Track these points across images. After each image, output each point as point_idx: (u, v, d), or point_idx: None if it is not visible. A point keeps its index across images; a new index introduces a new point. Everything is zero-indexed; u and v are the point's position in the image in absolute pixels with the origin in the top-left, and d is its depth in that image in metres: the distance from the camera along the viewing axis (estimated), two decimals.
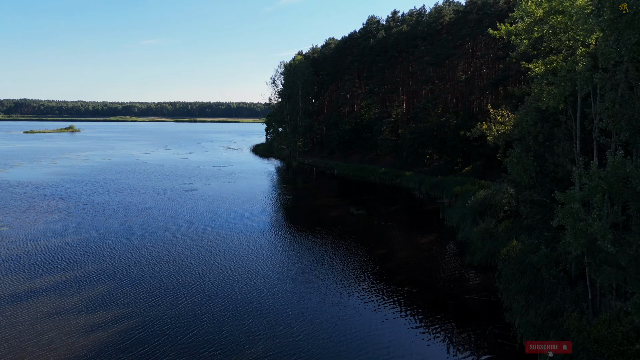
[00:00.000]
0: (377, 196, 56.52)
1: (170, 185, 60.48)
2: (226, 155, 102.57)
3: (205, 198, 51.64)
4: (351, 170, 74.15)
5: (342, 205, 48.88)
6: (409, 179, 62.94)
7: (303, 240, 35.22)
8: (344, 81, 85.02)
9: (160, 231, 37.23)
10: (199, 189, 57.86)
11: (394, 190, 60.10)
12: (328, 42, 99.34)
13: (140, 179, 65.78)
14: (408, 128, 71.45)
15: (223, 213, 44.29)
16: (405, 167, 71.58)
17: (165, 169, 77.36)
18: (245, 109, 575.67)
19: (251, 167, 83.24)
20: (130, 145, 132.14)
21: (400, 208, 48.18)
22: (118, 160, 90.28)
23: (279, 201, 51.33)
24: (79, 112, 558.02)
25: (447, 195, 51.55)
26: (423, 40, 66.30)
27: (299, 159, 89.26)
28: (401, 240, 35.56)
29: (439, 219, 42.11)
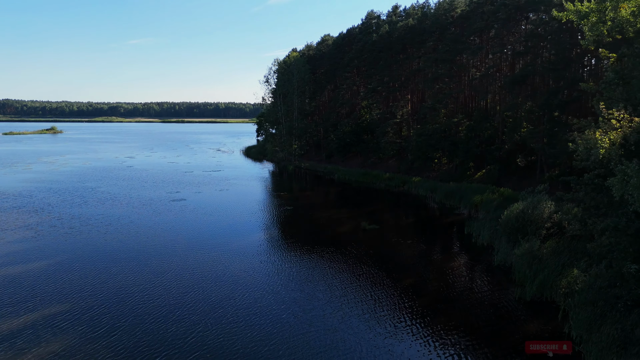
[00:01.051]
0: (386, 206, 51.30)
1: (156, 194, 54.65)
2: (216, 159, 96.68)
3: (195, 209, 45.98)
4: (353, 176, 68.85)
5: (349, 217, 43.55)
6: (418, 185, 57.80)
7: (311, 265, 29.76)
8: (343, 79, 79.68)
9: (144, 254, 31.52)
10: (188, 198, 52.13)
11: (402, 198, 54.93)
12: (324, 38, 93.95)
13: (124, 186, 59.82)
14: (414, 130, 66.34)
15: (215, 228, 38.70)
16: (411, 172, 66.49)
17: (151, 174, 71.37)
18: (234, 109, 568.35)
19: (243, 171, 77.56)
20: (114, 147, 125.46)
21: (416, 221, 42.95)
22: (100, 164, 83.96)
23: (276, 213, 45.82)
24: (64, 112, 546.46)
25: (466, 204, 46.50)
26: (431, 34, 61.17)
27: (294, 163, 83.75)
28: (428, 265, 30.25)
29: (464, 235, 36.92)
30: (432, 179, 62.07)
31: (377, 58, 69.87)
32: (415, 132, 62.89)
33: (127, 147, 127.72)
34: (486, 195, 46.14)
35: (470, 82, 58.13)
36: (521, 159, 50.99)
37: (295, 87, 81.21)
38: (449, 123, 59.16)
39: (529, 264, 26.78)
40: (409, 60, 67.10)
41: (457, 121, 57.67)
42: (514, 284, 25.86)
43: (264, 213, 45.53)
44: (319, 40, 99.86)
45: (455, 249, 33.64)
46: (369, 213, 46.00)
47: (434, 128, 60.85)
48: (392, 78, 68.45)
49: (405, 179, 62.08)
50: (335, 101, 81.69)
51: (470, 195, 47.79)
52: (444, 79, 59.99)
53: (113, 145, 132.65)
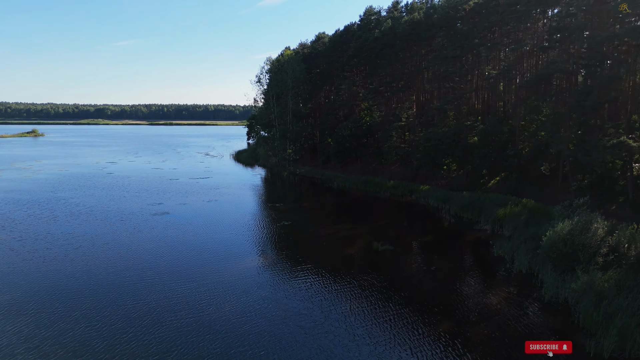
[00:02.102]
0: (395, 219, 45.86)
1: (137, 206, 48.70)
2: (204, 164, 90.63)
3: (180, 226, 40.18)
4: (353, 183, 63.37)
5: (357, 234, 38.01)
6: (428, 194, 52.47)
7: (322, 303, 24.14)
8: (342, 79, 74.19)
9: (116, 290, 25.68)
10: (172, 211, 46.27)
11: (411, 209, 49.54)
12: (320, 36, 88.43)
13: (101, 197, 53.72)
14: (421, 133, 61.10)
15: (203, 251, 32.95)
16: (417, 179, 61.25)
17: (132, 182, 65.25)
18: (224, 111, 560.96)
19: (234, 178, 71.71)
20: (97, 151, 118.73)
21: (434, 240, 37.50)
22: (78, 171, 77.53)
23: (273, 231, 40.12)
24: (49, 114, 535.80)
25: (487, 218, 41.21)
26: (439, 30, 55.91)
27: (289, 169, 78.10)
28: (464, 301, 24.74)
29: (495, 259, 31.54)
30: (441, 187, 56.87)
31: (379, 56, 64.51)
32: (422, 136, 57.58)
33: (110, 151, 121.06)
34: (510, 209, 40.95)
35: (484, 81, 52.95)
36: (545, 167, 45.89)
37: (289, 88, 75.55)
38: (460, 126, 53.91)
39: (595, 304, 21.43)
40: (415, 58, 61.85)
41: (470, 124, 52.41)
42: (579, 332, 20.50)
43: (259, 230, 39.81)
44: (314, 38, 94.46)
45: (490, 279, 28.23)
46: (378, 229, 40.51)
47: (443, 132, 55.60)
48: (395, 77, 63.07)
49: (412, 187, 56.77)
50: (333, 102, 76.14)
51: (490, 208, 42.54)
52: (454, 78, 54.77)
53: (95, 149, 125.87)
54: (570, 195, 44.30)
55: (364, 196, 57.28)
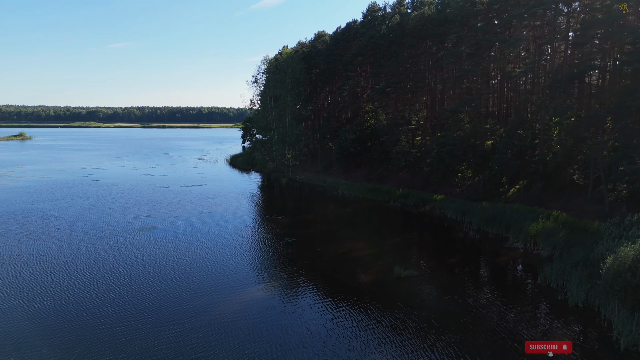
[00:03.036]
0: (411, 234, 41.11)
1: (123, 219, 43.71)
2: (198, 170, 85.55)
3: (169, 245, 35.26)
4: (359, 191, 58.62)
5: (371, 254, 33.25)
6: (444, 205, 47.84)
7: (339, 345, 19.33)
8: (345, 80, 69.45)
9: (93, 327, 20.75)
10: (161, 226, 41.33)
11: (427, 222, 44.85)
12: (320, 34, 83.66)
13: (83, 208, 48.64)
14: (432, 137, 56.54)
15: (195, 278, 28.06)
16: (428, 187, 56.66)
17: (119, 191, 60.16)
18: (218, 114, 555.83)
19: (229, 186, 66.76)
20: (84, 156, 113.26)
21: (462, 261, 32.72)
22: (61, 178, 72.24)
23: (275, 249, 35.26)
24: (40, 117, 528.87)
25: (517, 234, 36.56)
26: (454, 25, 51.27)
27: (288, 175, 73.25)
28: (515, 347, 20.02)
29: (540, 288, 26.85)
30: (456, 196, 52.34)
31: (386, 54, 59.85)
32: (435, 141, 52.98)
33: (99, 155, 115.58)
34: (542, 223, 36.36)
35: (505, 81, 48.40)
36: (579, 176, 41.38)
37: (288, 89, 70.73)
38: (477, 130, 49.34)
39: None
40: (425, 56, 57.26)
41: (489, 127, 47.82)
42: None
43: (259, 251, 34.91)
44: (313, 37, 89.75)
45: (543, 316, 23.47)
46: (395, 247, 35.79)
47: (458, 136, 51.04)
48: (404, 77, 58.46)
49: (424, 197, 52.11)
50: (335, 104, 71.37)
51: (519, 222, 37.93)
52: (471, 77, 50.18)
53: (84, 154, 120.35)
54: (603, 207, 39.91)
55: (372, 206, 52.56)
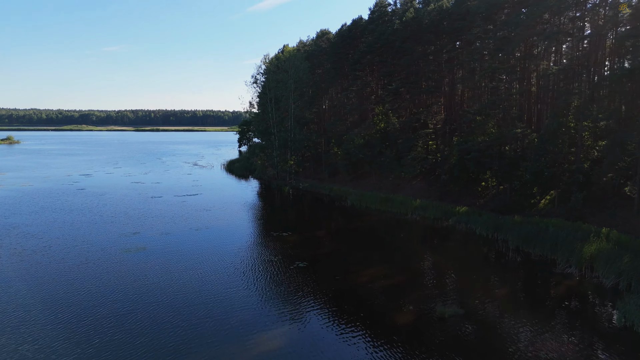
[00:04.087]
0: (442, 256, 35.56)
1: (107, 238, 38.12)
2: (192, 177, 79.90)
3: (160, 270, 29.75)
4: (371, 202, 53.25)
5: (402, 285, 27.84)
6: (470, 219, 42.53)
7: None
8: (352, 80, 64.18)
9: None
10: (152, 246, 35.79)
11: (456, 239, 39.50)
12: (323, 32, 78.42)
13: (65, 224, 43.00)
14: (450, 142, 51.33)
15: (192, 316, 22.57)
16: (446, 197, 51.45)
17: (106, 202, 54.50)
18: (213, 117, 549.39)
19: (227, 195, 61.20)
20: (73, 161, 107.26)
21: (510, 292, 27.28)
22: (44, 186, 66.41)
23: (285, 277, 29.76)
24: (32, 120, 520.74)
25: (566, 256, 31.27)
26: (479, 18, 46.15)
27: (290, 183, 67.81)
28: None
29: (625, 334, 21.53)
30: (479, 207, 47.14)
31: (399, 51, 54.67)
32: (457, 146, 47.79)
33: (88, 160, 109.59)
34: (596, 244, 31.16)
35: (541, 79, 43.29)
36: (631, 187, 36.24)
37: (291, 90, 65.39)
38: (506, 134, 44.15)
39: None
40: (444, 53, 52.10)
41: (521, 132, 42.66)
42: None
43: (266, 278, 29.42)
44: (315, 36, 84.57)
45: None
46: (425, 273, 30.46)
47: (484, 141, 45.86)
48: (420, 76, 53.28)
49: (445, 209, 46.82)
50: (342, 106, 66.07)
51: (565, 241, 32.70)
52: (499, 76, 45.01)
53: (72, 159, 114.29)
54: None
55: (387, 219, 47.22)
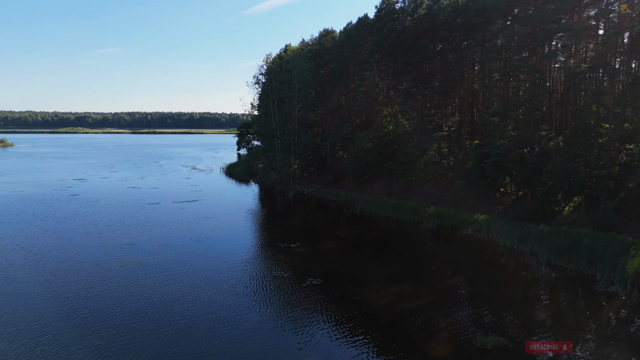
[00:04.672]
0: (468, 271, 32.51)
1: (100, 249, 34.99)
2: (191, 181, 76.74)
3: (158, 288, 26.66)
4: (381, 209, 50.22)
5: (430, 306, 24.80)
6: (491, 227, 39.57)
7: None
8: (360, 80, 61.21)
9: None
10: (149, 259, 32.67)
11: (479, 251, 36.50)
12: (328, 31, 75.48)
13: (55, 234, 39.82)
14: (465, 146, 48.43)
15: (194, 344, 19.48)
16: (461, 204, 48.51)
17: (100, 209, 51.33)
18: (210, 120, 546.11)
19: (228, 201, 58.11)
20: (67, 165, 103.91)
21: (554, 315, 24.24)
22: (35, 192, 63.15)
23: (297, 296, 26.69)
24: (27, 123, 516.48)
25: (607, 272, 28.33)
26: (498, 13, 43.29)
27: (294, 188, 64.75)
28: None
29: None
30: (498, 215, 44.26)
31: (411, 50, 51.77)
32: (475, 150, 44.89)
33: (83, 164, 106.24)
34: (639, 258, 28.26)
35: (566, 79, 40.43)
36: None
37: (295, 90, 62.36)
38: (529, 137, 41.24)
39: None
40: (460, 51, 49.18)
41: (546, 135, 39.76)
42: None
43: (277, 299, 26.33)
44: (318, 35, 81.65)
45: None
46: (454, 292, 27.44)
47: (504, 145, 42.96)
48: (433, 76, 50.37)
49: (462, 217, 43.90)
50: (349, 108, 63.09)
51: (604, 255, 29.77)
52: (520, 76, 42.11)
53: (67, 162, 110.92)
54: None
55: (401, 228, 44.25)
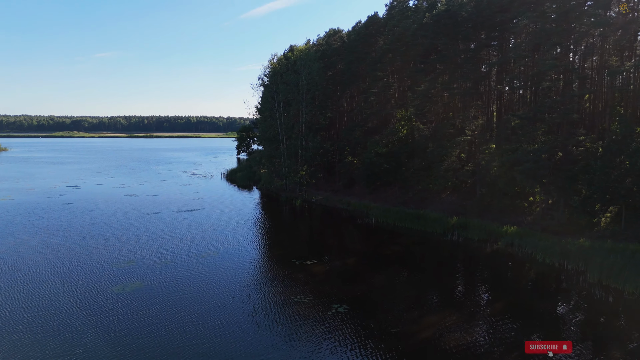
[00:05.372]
0: (508, 292, 28.86)
1: (96, 268, 31.22)
2: (192, 188, 72.95)
3: (160, 316, 22.92)
4: (398, 219, 46.59)
5: (481, 343, 21.12)
6: (524, 241, 36.02)
7: None
8: (372, 81, 57.65)
9: None
10: (149, 281, 28.92)
11: (513, 267, 32.92)
12: (333, 31, 72.00)
13: (45, 250, 36.00)
14: (490, 151, 44.95)
15: None
16: (485, 214, 44.93)
17: (96, 220, 47.51)
18: (207, 123, 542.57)
19: (233, 210, 54.37)
20: (61, 170, 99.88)
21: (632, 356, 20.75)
22: (26, 200, 59.24)
23: (323, 329, 23.01)
24: (22, 127, 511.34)
25: None
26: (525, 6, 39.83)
27: (302, 195, 61.09)
28: None
29: None
30: (527, 226, 40.73)
31: (430, 48, 48.31)
32: (501, 157, 41.39)
33: (78, 170, 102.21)
34: None
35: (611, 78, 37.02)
36: None
37: (303, 92, 58.77)
38: (563, 143, 37.74)
39: None
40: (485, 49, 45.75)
41: (584, 139, 36.28)
42: None
43: (302, 333, 22.62)
44: (324, 34, 78.20)
45: None
46: (507, 322, 23.78)
47: (534, 150, 39.47)
48: (455, 76, 46.89)
49: (490, 228, 40.37)
50: (360, 111, 59.49)
51: None
52: (553, 75, 38.64)
53: (61, 168, 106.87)
54: None
55: (424, 241, 40.63)
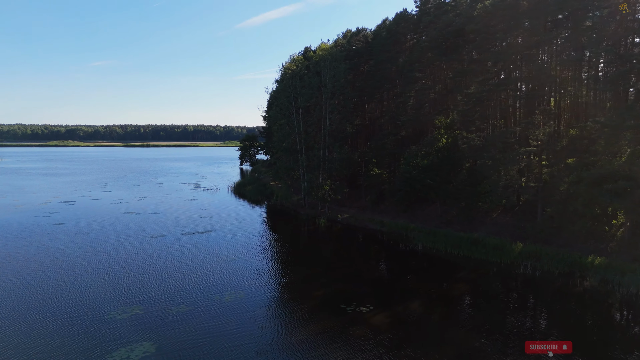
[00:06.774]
0: None
1: (93, 319, 23.98)
2: (198, 204, 65.65)
3: None
4: (451, 245, 39.28)
5: None
6: (619, 277, 29.00)
7: None
8: (407, 84, 50.79)
9: None
10: (161, 340, 21.69)
11: (626, 312, 25.94)
12: (357, 30, 65.31)
13: (29, 289, 28.72)
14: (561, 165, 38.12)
15: None
16: (553, 239, 37.96)
17: (92, 246, 40.20)
18: (204, 132, 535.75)
19: (249, 232, 47.11)
20: (53, 183, 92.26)
21: None
22: (13, 219, 51.76)
23: None
24: (16, 136, 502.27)
25: None
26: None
27: (325, 213, 53.95)
28: None
29: None
30: (609, 255, 33.82)
31: (481, 45, 41.57)
32: (580, 172, 34.52)
33: (73, 182, 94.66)
34: None
35: None
36: None
37: (328, 97, 51.85)
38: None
39: None
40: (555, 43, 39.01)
41: None
42: None
43: None
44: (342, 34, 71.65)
45: None
46: None
47: (620, 164, 32.64)
48: (515, 77, 40.03)
49: (569, 259, 33.37)
50: (392, 118, 52.50)
51: None
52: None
53: (53, 180, 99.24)
54: None
55: (493, 274, 33.53)
